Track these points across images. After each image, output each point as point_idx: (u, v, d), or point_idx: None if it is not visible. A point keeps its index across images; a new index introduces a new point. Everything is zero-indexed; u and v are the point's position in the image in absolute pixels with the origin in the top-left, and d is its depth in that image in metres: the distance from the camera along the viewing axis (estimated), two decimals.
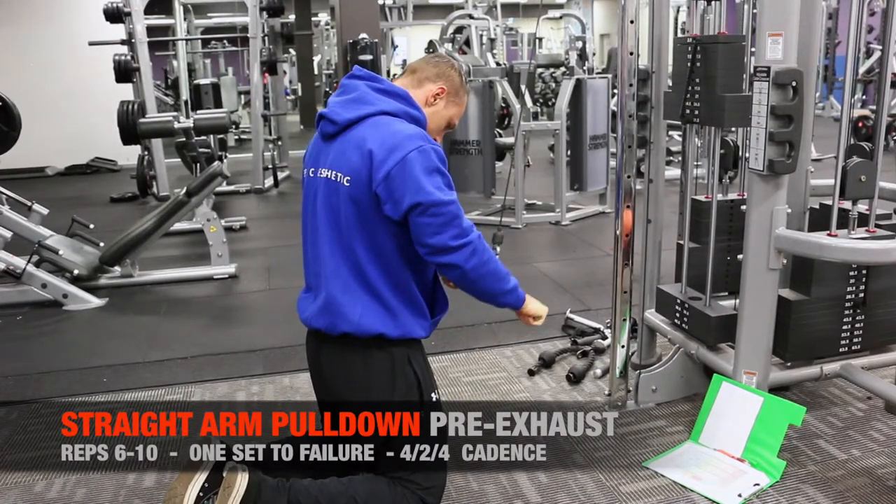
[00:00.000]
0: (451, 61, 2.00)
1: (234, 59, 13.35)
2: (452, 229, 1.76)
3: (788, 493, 2.23)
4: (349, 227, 1.82)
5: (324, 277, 1.87)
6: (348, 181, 1.80)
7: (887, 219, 2.60)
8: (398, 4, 11.78)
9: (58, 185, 8.72)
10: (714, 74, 2.47)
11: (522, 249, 5.40)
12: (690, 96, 2.56)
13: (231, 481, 1.79)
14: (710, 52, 2.48)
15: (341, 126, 1.84)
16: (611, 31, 18.99)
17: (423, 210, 1.74)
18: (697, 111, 2.55)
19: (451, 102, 1.97)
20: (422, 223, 1.75)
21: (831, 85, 11.99)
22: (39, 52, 9.40)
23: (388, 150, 1.75)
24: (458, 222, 1.77)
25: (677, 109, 2.61)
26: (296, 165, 8.68)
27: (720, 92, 2.46)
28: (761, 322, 2.36)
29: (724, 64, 2.46)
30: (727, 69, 2.47)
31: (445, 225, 1.75)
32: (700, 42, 2.52)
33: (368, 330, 1.84)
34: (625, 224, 2.61)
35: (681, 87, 2.59)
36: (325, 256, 1.86)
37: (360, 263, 1.83)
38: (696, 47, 2.51)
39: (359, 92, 1.87)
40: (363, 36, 7.54)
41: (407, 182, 1.74)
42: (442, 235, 1.75)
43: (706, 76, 2.50)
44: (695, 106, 2.55)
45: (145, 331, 3.91)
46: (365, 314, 1.83)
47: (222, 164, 4.91)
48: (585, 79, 6.12)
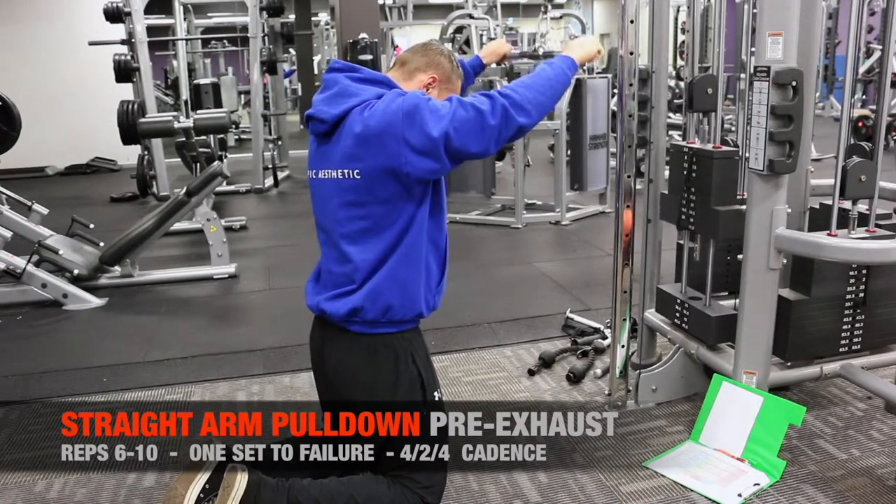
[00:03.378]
0: (439, 48, 1.98)
1: (234, 59, 13.35)
2: (481, 118, 1.72)
3: (788, 492, 2.23)
4: (365, 218, 1.82)
5: (340, 265, 1.88)
6: (358, 174, 1.79)
7: (887, 219, 2.60)
8: (398, 4, 11.76)
9: (58, 185, 8.72)
10: (708, 188, 2.53)
11: (522, 249, 5.40)
12: (686, 204, 2.64)
13: (231, 481, 1.79)
14: (704, 165, 2.54)
15: (331, 124, 1.83)
16: (611, 31, 18.99)
17: (451, 134, 1.71)
18: (692, 220, 2.62)
19: (445, 89, 1.95)
20: (459, 143, 1.72)
21: (831, 85, 11.98)
22: (39, 52, 9.40)
23: (386, 129, 1.74)
24: (478, 110, 1.73)
25: (674, 215, 2.69)
26: (296, 165, 8.68)
27: (714, 205, 2.52)
28: (761, 322, 2.36)
29: (718, 179, 2.52)
30: (721, 183, 2.53)
31: (473, 121, 1.72)
32: (696, 154, 2.58)
33: (376, 302, 1.84)
34: (625, 224, 2.61)
35: (677, 193, 2.68)
36: (335, 255, 1.87)
37: (379, 251, 1.82)
38: (692, 158, 2.58)
39: (340, 85, 1.86)
40: (363, 36, 7.53)
41: (419, 130, 1.72)
42: (481, 131, 1.72)
43: (701, 188, 2.57)
44: (690, 214, 2.63)
45: (145, 331, 3.91)
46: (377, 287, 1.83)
47: (222, 164, 4.90)
48: (585, 79, 6.12)
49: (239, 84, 10.79)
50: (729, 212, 2.50)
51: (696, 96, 2.61)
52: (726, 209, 2.51)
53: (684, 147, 2.64)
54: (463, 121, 1.72)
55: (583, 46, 2.01)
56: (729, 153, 2.55)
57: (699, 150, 2.59)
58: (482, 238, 5.71)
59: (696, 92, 2.61)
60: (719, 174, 2.51)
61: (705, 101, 2.62)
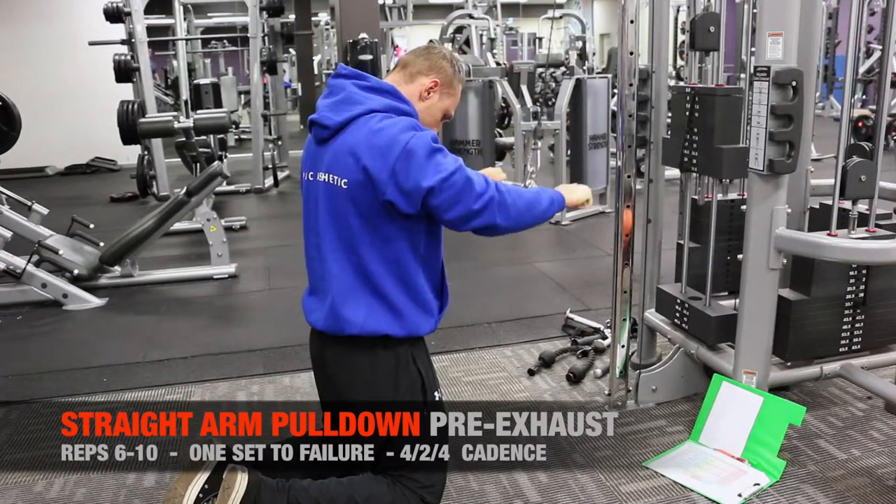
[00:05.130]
0: (441, 52, 1.97)
1: (234, 59, 13.35)
2: (469, 194, 1.75)
3: (788, 492, 2.23)
4: (351, 229, 1.82)
5: (328, 280, 1.87)
6: (346, 184, 1.79)
7: (887, 219, 2.60)
8: (398, 4, 11.77)
9: (58, 185, 8.72)
10: (711, 126, 2.48)
11: (522, 249, 5.40)
12: (688, 145, 2.58)
13: (231, 482, 1.79)
14: (707, 104, 2.50)
15: (333, 130, 1.83)
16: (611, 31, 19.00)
17: (436, 192, 1.73)
18: (695, 160, 2.57)
19: (446, 94, 1.95)
20: (438, 203, 1.74)
21: (831, 85, 11.99)
22: (39, 52, 9.40)
23: (383, 152, 1.74)
24: (470, 185, 1.75)
25: (676, 157, 2.63)
26: (296, 165, 8.67)
27: (717, 143, 2.48)
28: (761, 322, 2.35)
29: (721, 116, 2.48)
30: (724, 121, 2.49)
31: (461, 193, 1.74)
32: (698, 93, 2.54)
33: (374, 331, 1.84)
34: (625, 224, 2.61)
35: (679, 135, 2.61)
36: (329, 259, 1.86)
37: (365, 264, 1.82)
38: (693, 98, 2.54)
39: (346, 92, 1.86)
40: (363, 36, 7.54)
41: (412, 173, 1.73)
42: (462, 204, 1.75)
43: (703, 127, 2.52)
44: (693, 155, 2.58)
45: (145, 331, 3.91)
46: (370, 316, 1.83)
47: (222, 164, 4.91)
48: (585, 79, 6.12)
49: (239, 84, 10.79)
50: (732, 150, 2.45)
51: (697, 34, 2.56)
52: (730, 147, 2.46)
53: (686, 87, 2.60)
54: (453, 185, 1.74)
55: (575, 192, 2.04)
56: (731, 90, 2.52)
57: (701, 88, 2.57)
58: (482, 238, 5.70)
59: (699, 30, 2.55)
60: (722, 112, 2.47)
61: (707, 40, 2.56)
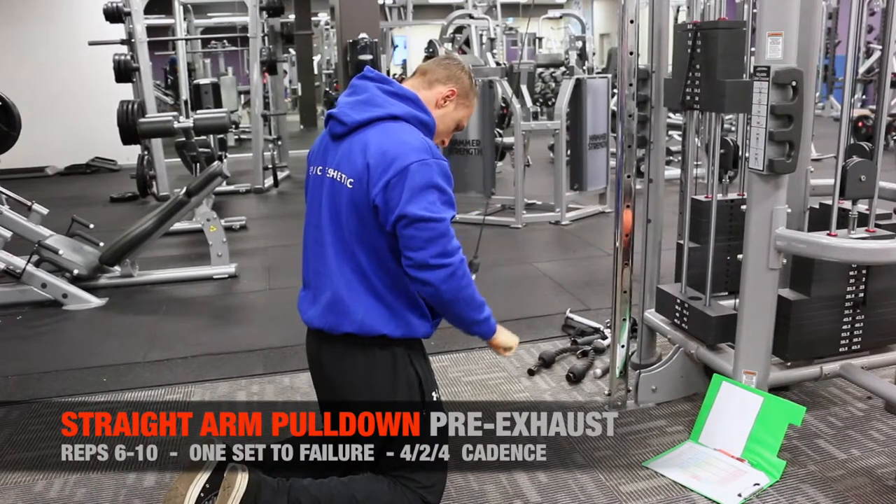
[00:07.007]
0: (461, 64, 2.00)
1: (234, 58, 13.34)
2: (435, 247, 1.75)
3: (788, 492, 2.23)
4: (350, 229, 1.82)
5: (326, 276, 1.87)
6: (351, 183, 1.80)
7: (887, 219, 2.60)
8: (398, 4, 11.78)
9: (58, 185, 8.72)
10: (714, 60, 2.44)
11: (522, 249, 5.40)
12: (691, 82, 2.53)
13: (231, 481, 1.79)
14: (710, 37, 2.46)
15: (350, 127, 1.84)
16: (611, 31, 18.99)
17: (408, 223, 1.73)
18: (698, 97, 2.52)
19: (461, 105, 1.98)
20: (406, 235, 1.75)
21: (831, 85, 11.99)
22: (39, 52, 9.40)
23: (389, 161, 1.75)
24: (443, 241, 1.75)
25: (678, 96, 2.58)
26: (296, 165, 8.67)
27: (720, 77, 2.43)
28: (761, 322, 2.36)
29: (724, 50, 2.43)
30: (727, 55, 2.44)
31: (430, 241, 1.74)
32: (700, 28, 2.50)
33: (371, 330, 1.84)
34: (625, 224, 2.61)
35: (681, 73, 2.56)
36: (329, 255, 1.86)
37: (362, 265, 1.83)
38: (696, 33, 2.49)
39: (369, 94, 1.87)
40: (363, 36, 7.55)
41: (401, 193, 1.73)
42: (424, 251, 1.74)
43: (706, 62, 2.47)
44: (695, 92, 2.53)
45: (145, 331, 3.91)
46: (368, 314, 1.84)
47: (222, 164, 4.90)
48: (585, 78, 6.12)
49: (239, 84, 10.78)
50: (736, 83, 2.40)
51: None
52: (733, 81, 2.42)
53: (688, 24, 2.57)
54: (428, 229, 1.73)
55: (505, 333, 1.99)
56: (734, 23, 2.49)
57: (704, 23, 2.55)
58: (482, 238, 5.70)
59: None
60: (724, 45, 2.43)
61: None
